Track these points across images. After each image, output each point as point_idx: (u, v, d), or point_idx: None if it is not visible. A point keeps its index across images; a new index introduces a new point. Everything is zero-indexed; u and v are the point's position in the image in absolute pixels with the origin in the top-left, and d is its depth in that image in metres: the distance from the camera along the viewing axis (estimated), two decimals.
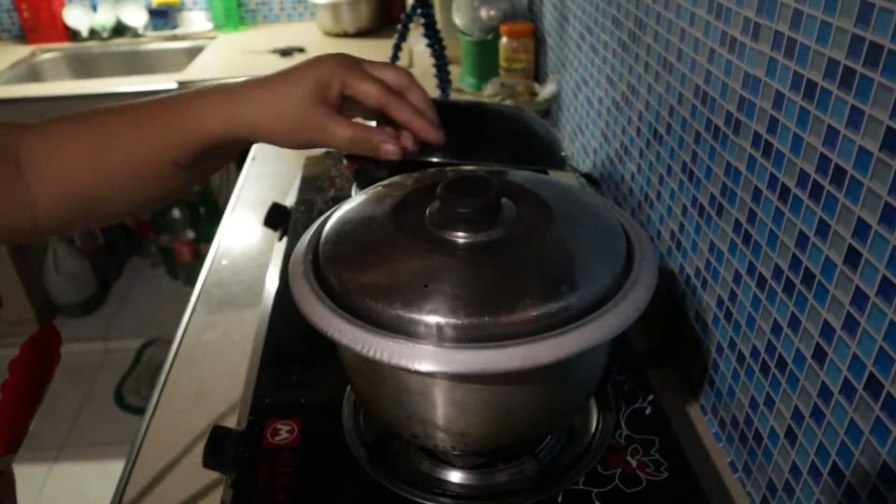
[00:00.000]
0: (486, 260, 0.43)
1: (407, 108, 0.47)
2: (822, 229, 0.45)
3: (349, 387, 0.57)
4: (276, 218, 0.88)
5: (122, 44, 2.21)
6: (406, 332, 0.40)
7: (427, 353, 0.38)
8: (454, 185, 0.44)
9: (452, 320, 0.39)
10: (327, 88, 0.46)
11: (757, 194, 0.53)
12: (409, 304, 0.40)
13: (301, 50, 1.90)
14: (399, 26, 1.32)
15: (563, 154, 0.73)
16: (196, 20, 2.30)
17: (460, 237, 0.44)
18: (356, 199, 0.51)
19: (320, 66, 0.46)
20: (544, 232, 0.45)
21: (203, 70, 1.85)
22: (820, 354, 0.46)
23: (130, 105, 0.46)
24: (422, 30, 1.27)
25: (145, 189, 0.47)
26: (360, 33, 2.09)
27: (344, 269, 0.44)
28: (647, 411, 0.55)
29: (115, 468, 0.62)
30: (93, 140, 0.45)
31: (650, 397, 0.56)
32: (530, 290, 0.40)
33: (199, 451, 0.52)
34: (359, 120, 0.48)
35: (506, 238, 0.44)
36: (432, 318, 0.39)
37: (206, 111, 0.45)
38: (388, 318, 0.40)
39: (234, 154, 0.52)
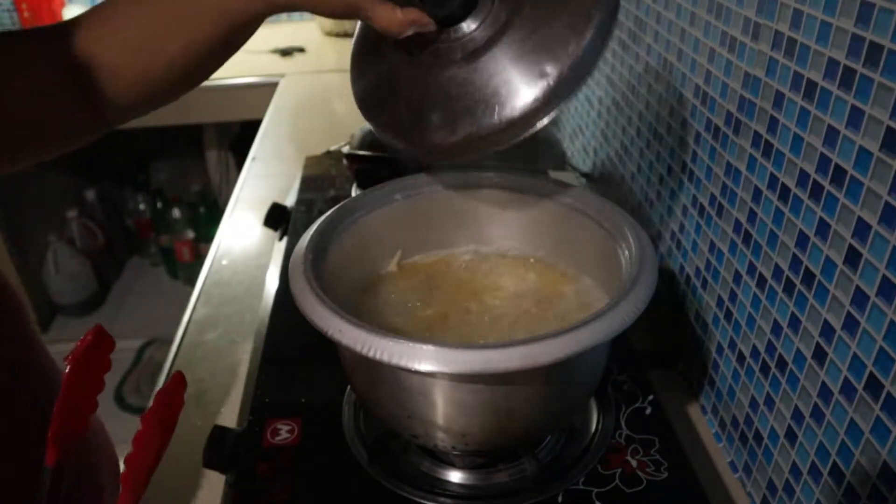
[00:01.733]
0: (467, 65, 0.46)
1: None
2: (822, 229, 0.45)
3: (349, 387, 0.57)
4: (276, 218, 0.88)
5: None
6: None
7: (427, 353, 0.38)
8: None
9: (451, 137, 0.45)
10: None
11: (757, 194, 0.53)
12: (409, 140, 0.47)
13: (301, 50, 1.90)
14: None
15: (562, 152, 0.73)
16: None
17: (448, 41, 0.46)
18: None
19: None
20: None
21: None
22: (820, 354, 0.46)
23: None
24: None
25: (195, 72, 0.46)
26: None
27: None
28: (647, 411, 0.55)
29: None
30: (155, 24, 0.44)
31: (650, 397, 0.56)
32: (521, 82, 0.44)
33: (199, 451, 0.52)
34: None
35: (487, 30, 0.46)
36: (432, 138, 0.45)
37: None
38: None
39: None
